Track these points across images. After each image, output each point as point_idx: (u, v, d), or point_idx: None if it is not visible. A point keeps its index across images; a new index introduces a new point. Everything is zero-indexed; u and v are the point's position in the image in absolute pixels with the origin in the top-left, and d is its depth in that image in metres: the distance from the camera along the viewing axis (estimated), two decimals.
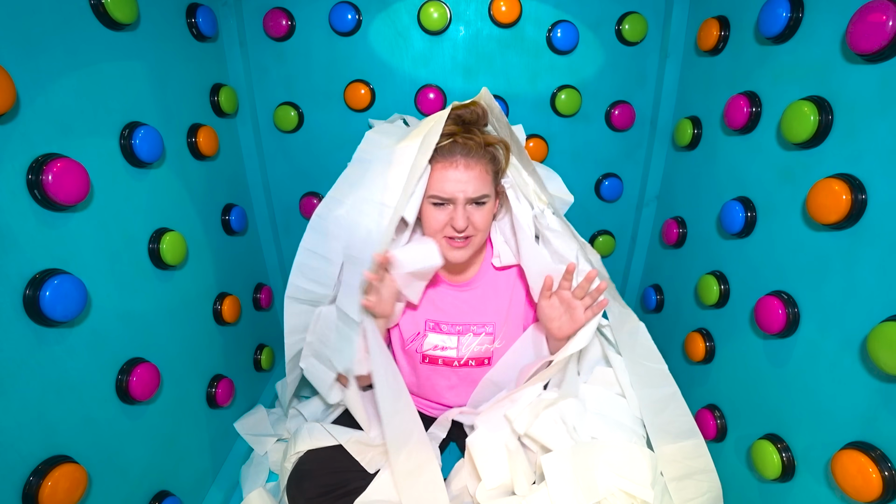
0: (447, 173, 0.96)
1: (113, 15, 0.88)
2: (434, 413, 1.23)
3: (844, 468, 0.77)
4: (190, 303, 1.15)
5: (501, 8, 1.34)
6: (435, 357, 1.13)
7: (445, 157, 0.96)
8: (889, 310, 0.75)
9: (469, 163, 0.96)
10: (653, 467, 0.96)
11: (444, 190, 0.96)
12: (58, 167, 0.74)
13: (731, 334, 1.14)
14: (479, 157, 0.97)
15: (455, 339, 1.12)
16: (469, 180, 0.96)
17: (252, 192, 1.52)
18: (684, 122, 1.33)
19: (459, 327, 1.12)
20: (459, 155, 0.96)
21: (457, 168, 0.96)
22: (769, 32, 0.98)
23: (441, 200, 0.98)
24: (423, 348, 1.13)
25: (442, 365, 1.14)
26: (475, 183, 0.97)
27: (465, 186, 0.96)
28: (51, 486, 0.72)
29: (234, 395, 1.30)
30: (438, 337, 1.12)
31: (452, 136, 0.97)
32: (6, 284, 0.69)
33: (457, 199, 0.97)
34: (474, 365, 1.14)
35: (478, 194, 0.97)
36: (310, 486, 1.00)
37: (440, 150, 0.96)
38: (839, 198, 0.80)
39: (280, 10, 1.36)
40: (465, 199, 0.97)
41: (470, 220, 0.98)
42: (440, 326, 1.12)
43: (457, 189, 0.96)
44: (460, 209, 0.97)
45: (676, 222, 1.38)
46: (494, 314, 1.13)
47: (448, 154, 0.96)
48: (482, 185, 0.98)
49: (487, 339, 1.13)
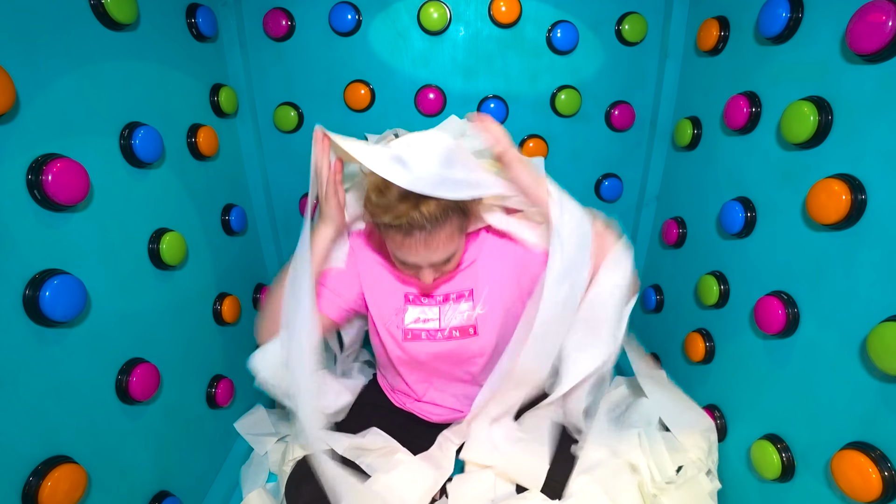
0: (405, 247, 0.90)
1: (113, 15, 0.88)
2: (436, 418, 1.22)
3: (844, 468, 0.77)
4: (190, 303, 1.15)
5: (501, 8, 1.34)
6: (418, 331, 1.08)
7: (404, 234, 0.88)
8: (889, 310, 0.75)
9: (429, 238, 0.88)
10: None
11: (406, 259, 0.93)
12: (58, 167, 0.74)
13: (731, 334, 1.14)
14: (441, 223, 0.87)
15: (437, 311, 1.08)
16: (432, 251, 0.90)
17: (252, 192, 1.52)
18: (684, 122, 1.33)
19: (440, 297, 1.08)
20: (417, 232, 0.87)
21: (416, 243, 0.89)
22: (769, 32, 0.98)
23: (402, 263, 0.95)
24: (405, 323, 1.08)
25: (426, 339, 1.08)
26: (440, 251, 0.91)
27: (429, 257, 0.91)
28: (51, 487, 0.72)
29: (234, 396, 1.30)
30: (419, 309, 1.08)
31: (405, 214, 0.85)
32: (6, 284, 0.69)
33: (421, 266, 0.94)
34: (459, 336, 1.08)
35: (443, 258, 0.93)
36: (308, 489, 1.00)
37: (397, 228, 0.87)
38: (839, 198, 0.80)
39: (280, 10, 1.36)
40: (430, 264, 0.94)
41: (439, 271, 0.96)
42: (420, 298, 1.09)
43: (420, 259, 0.92)
44: (426, 271, 0.94)
45: (676, 222, 1.38)
46: (472, 279, 1.08)
47: (406, 233, 0.87)
48: (448, 247, 0.92)
49: (467, 306, 1.07)
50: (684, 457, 1.10)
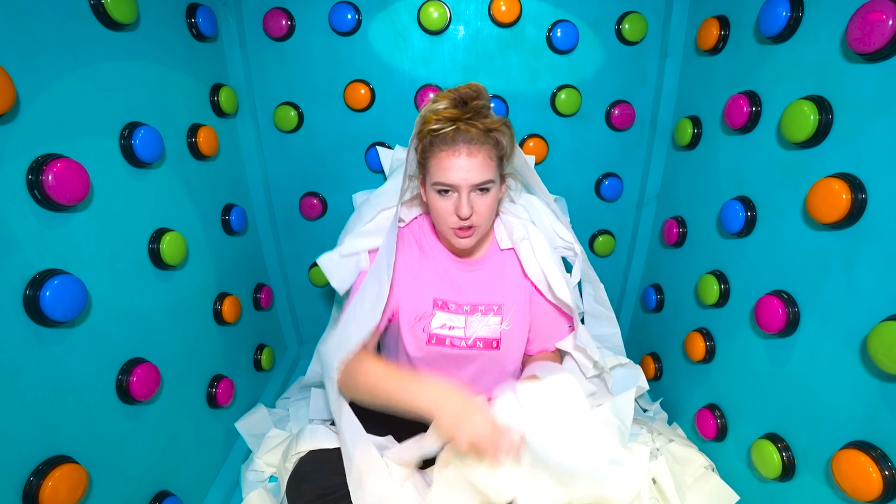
0: (450, 161, 0.95)
1: (113, 15, 0.88)
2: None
3: (845, 467, 0.77)
4: (190, 303, 1.15)
5: (501, 7, 1.34)
6: (442, 337, 1.11)
7: (448, 146, 0.95)
8: (889, 309, 0.75)
9: (472, 150, 0.94)
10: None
11: (447, 178, 0.95)
12: (58, 167, 0.74)
13: (732, 334, 1.14)
14: (481, 143, 0.95)
15: (463, 319, 1.11)
16: (472, 168, 0.94)
17: (252, 192, 1.52)
18: (684, 121, 1.33)
19: (467, 307, 1.11)
20: (462, 143, 0.94)
21: (459, 156, 0.94)
22: (769, 32, 0.98)
23: (445, 187, 0.97)
24: (431, 327, 1.11)
25: (450, 346, 1.11)
26: (479, 170, 0.95)
27: (468, 174, 0.95)
28: (51, 487, 0.72)
29: (235, 396, 1.30)
30: (446, 316, 1.11)
31: (454, 123, 0.94)
32: (6, 285, 0.69)
33: (460, 186, 0.96)
34: (482, 347, 1.11)
35: (482, 180, 0.96)
36: (309, 489, 1.00)
37: (442, 138, 0.95)
38: (839, 197, 0.80)
39: (280, 10, 1.35)
40: (469, 186, 0.96)
41: (474, 209, 0.98)
42: (448, 305, 1.11)
43: (460, 177, 0.95)
44: (465, 197, 0.96)
45: (676, 222, 1.38)
46: (502, 294, 1.12)
47: (451, 142, 0.94)
48: (486, 171, 0.96)
49: (495, 320, 1.11)
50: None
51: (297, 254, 1.66)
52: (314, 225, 1.61)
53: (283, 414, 1.43)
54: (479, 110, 0.96)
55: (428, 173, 0.99)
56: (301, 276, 1.69)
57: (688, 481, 1.12)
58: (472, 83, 0.97)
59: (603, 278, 1.22)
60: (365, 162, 1.52)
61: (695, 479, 1.12)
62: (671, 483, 1.07)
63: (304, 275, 1.68)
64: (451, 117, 0.94)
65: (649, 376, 1.48)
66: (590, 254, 1.66)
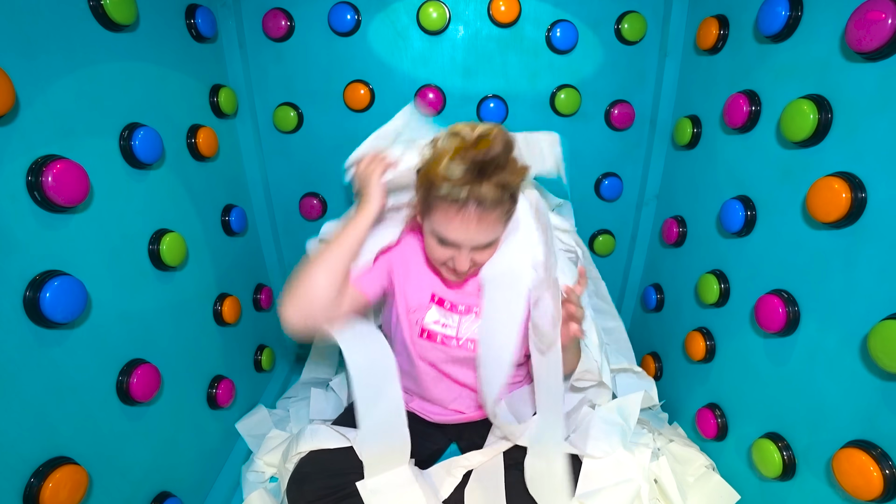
0: (457, 222, 0.88)
1: (112, 16, 0.88)
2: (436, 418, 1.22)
3: (845, 466, 0.77)
4: (190, 304, 1.15)
5: (500, 7, 1.34)
6: (434, 333, 1.09)
7: (459, 205, 0.86)
8: (889, 308, 0.75)
9: (483, 214, 0.87)
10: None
11: (450, 235, 0.90)
12: (57, 168, 0.74)
13: (732, 333, 1.14)
14: (494, 207, 0.88)
15: (457, 319, 1.09)
16: (480, 231, 0.89)
17: (252, 193, 1.52)
18: (684, 121, 1.33)
19: (462, 307, 1.09)
20: (473, 205, 0.86)
21: (468, 219, 0.87)
22: (768, 31, 0.98)
23: (446, 241, 0.93)
24: (424, 321, 1.09)
25: (440, 343, 1.10)
26: (486, 232, 0.90)
27: (475, 236, 0.90)
28: (52, 488, 0.72)
29: (235, 396, 1.30)
30: (441, 312, 1.09)
31: (468, 186, 0.85)
32: (6, 286, 0.69)
33: (462, 246, 0.92)
34: (472, 349, 1.09)
35: (486, 241, 0.92)
36: (310, 489, 1.00)
37: (453, 200, 0.86)
38: (839, 196, 0.80)
39: (279, 10, 1.36)
40: (472, 247, 0.92)
41: (473, 262, 0.95)
42: (444, 302, 1.10)
43: (465, 238, 0.90)
44: (465, 254, 0.92)
45: (676, 221, 1.38)
46: None
47: (462, 201, 0.86)
48: (493, 232, 0.92)
49: None
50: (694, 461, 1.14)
51: (297, 254, 1.64)
52: (314, 225, 1.61)
53: (284, 414, 1.43)
54: (496, 170, 0.86)
55: (429, 218, 0.93)
56: None
57: (689, 481, 1.12)
58: (491, 130, 0.86)
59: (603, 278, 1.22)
60: None
61: (696, 479, 1.12)
62: (673, 483, 1.07)
63: None
64: (464, 181, 0.85)
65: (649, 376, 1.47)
66: (590, 254, 1.65)
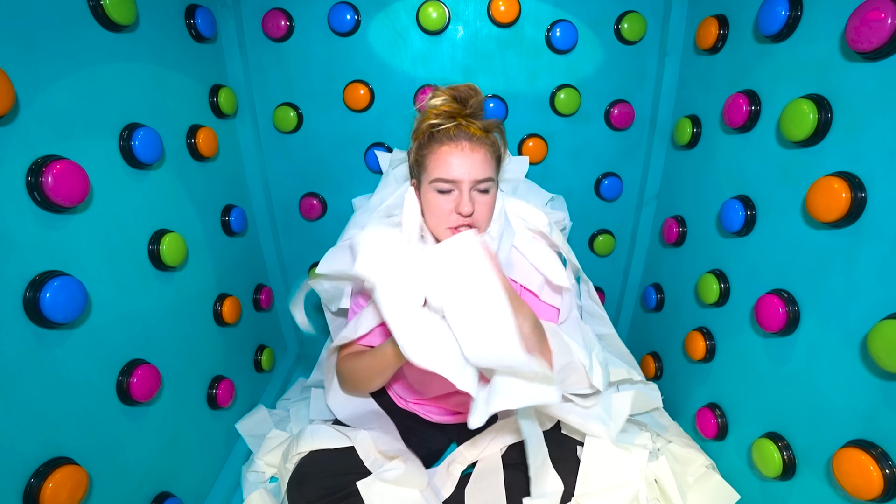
0: (452, 156, 0.95)
1: (112, 16, 0.88)
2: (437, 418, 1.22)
3: (845, 466, 0.77)
4: (190, 304, 1.15)
5: (500, 7, 1.34)
6: None
7: (451, 140, 0.95)
8: (889, 308, 0.75)
9: (474, 146, 0.95)
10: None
11: (449, 172, 0.94)
12: (57, 169, 0.74)
13: (732, 333, 1.14)
14: (482, 141, 0.96)
15: None
16: (475, 163, 0.95)
17: (252, 193, 1.52)
18: (684, 120, 1.33)
19: None
20: (464, 138, 0.95)
21: (462, 150, 0.94)
22: (768, 31, 0.98)
23: (446, 183, 0.96)
24: None
25: None
26: (481, 165, 0.95)
27: (471, 168, 0.94)
28: (52, 488, 0.72)
29: (235, 396, 1.30)
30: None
31: (454, 119, 0.96)
32: (6, 286, 0.69)
33: (462, 181, 0.95)
34: None
35: (484, 176, 0.96)
36: (310, 489, 1.00)
37: (444, 133, 0.95)
38: (839, 196, 0.80)
39: (279, 10, 1.36)
40: (471, 182, 0.95)
41: (474, 207, 0.97)
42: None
43: (462, 172, 0.94)
44: (466, 193, 0.96)
45: (676, 221, 1.38)
46: None
47: (453, 137, 0.95)
48: (487, 168, 0.97)
49: None
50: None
51: (296, 254, 1.66)
52: (314, 225, 1.61)
53: (284, 415, 1.43)
54: (477, 109, 0.98)
55: (425, 171, 0.98)
56: (301, 276, 1.69)
57: (689, 481, 1.12)
58: (469, 83, 0.99)
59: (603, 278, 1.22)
60: (365, 162, 1.52)
61: (696, 479, 1.12)
62: (673, 483, 1.07)
63: (304, 275, 1.68)
64: (452, 112, 0.96)
65: (649, 376, 1.48)
66: (590, 253, 1.66)
